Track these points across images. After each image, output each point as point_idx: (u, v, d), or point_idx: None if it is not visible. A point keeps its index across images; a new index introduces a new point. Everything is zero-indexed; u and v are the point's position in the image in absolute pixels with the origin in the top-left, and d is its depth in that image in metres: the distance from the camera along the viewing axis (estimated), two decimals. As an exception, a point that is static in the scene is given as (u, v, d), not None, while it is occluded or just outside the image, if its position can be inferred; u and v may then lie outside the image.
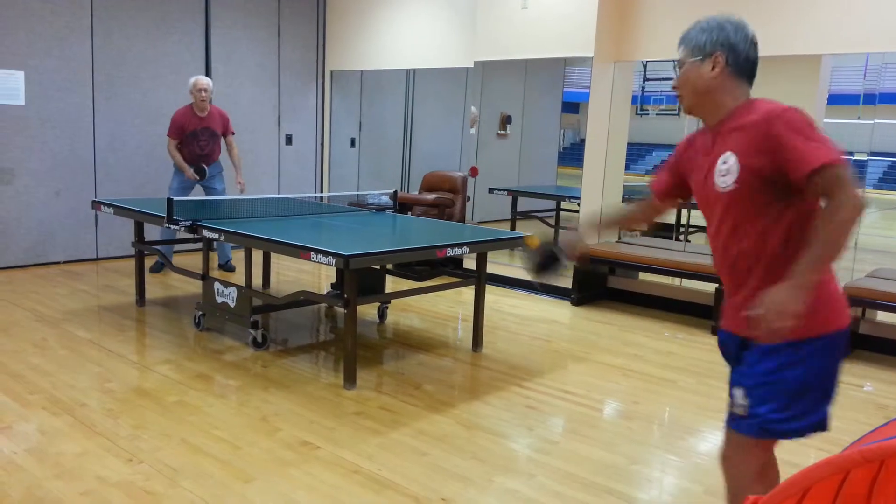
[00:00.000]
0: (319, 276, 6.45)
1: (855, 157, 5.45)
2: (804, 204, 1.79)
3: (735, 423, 1.90)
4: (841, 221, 1.66)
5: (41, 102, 6.06)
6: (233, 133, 6.17)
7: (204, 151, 5.99)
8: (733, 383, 1.93)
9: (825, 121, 5.75)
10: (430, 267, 4.81)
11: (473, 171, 6.92)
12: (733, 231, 1.87)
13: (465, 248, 3.94)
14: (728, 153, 1.83)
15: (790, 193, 1.76)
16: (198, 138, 5.93)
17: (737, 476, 1.96)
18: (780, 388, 1.81)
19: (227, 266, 6.32)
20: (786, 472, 2.84)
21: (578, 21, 5.66)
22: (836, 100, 5.73)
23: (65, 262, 6.38)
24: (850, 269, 5.08)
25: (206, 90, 5.83)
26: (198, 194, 6.15)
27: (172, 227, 4.26)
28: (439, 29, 6.93)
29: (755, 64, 1.88)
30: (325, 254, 3.42)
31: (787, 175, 1.72)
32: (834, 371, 1.85)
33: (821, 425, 1.88)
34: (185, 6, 6.87)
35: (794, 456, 3.13)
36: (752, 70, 1.88)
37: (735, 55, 1.85)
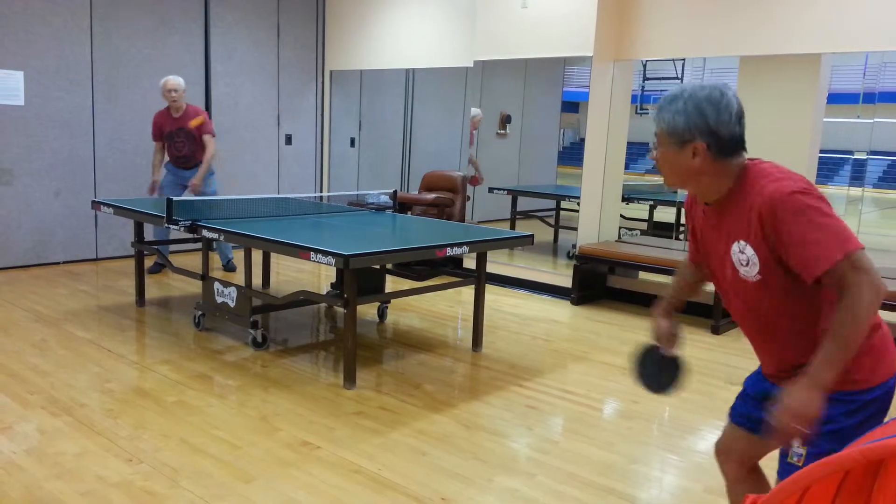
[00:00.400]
0: (319, 276, 6.44)
1: (854, 156, 5.46)
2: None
3: (785, 471, 1.73)
4: (856, 318, 1.56)
5: (41, 103, 6.06)
6: (211, 134, 5.95)
7: (182, 153, 5.88)
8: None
9: (825, 119, 5.75)
10: (430, 266, 4.81)
11: (474, 181, 6.94)
12: (768, 311, 1.75)
13: (465, 248, 3.94)
14: (742, 242, 1.69)
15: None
16: (174, 139, 5.85)
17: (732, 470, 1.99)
18: (838, 435, 1.66)
19: (228, 266, 6.30)
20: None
21: (578, 20, 5.66)
22: (835, 98, 5.73)
23: (64, 263, 6.38)
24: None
25: (175, 90, 5.72)
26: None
27: (172, 226, 4.26)
28: (439, 28, 6.93)
29: (742, 136, 1.69)
30: (325, 253, 3.42)
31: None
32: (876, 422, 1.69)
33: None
34: (185, 7, 6.87)
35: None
36: (740, 144, 1.70)
37: (717, 140, 1.66)
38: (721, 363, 4.38)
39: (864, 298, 1.54)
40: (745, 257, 1.70)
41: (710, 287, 5.28)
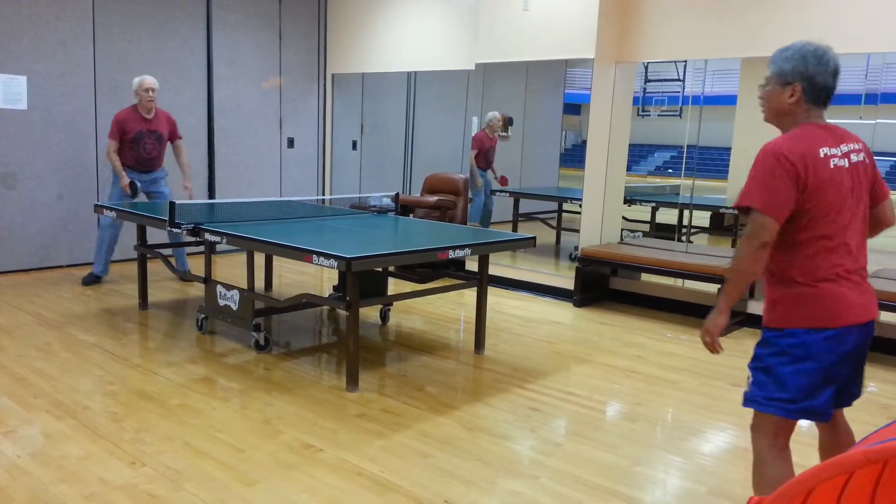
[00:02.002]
0: (321, 279, 6.45)
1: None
2: (786, 229, 2.08)
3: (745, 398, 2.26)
4: (738, 259, 2.09)
5: (44, 107, 6.07)
6: (180, 137, 5.90)
7: (150, 155, 5.72)
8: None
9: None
10: (432, 269, 4.81)
11: (503, 181, 6.97)
12: None
13: (467, 250, 3.94)
14: None
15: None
16: (143, 141, 5.66)
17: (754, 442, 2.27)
18: (770, 372, 2.16)
19: (185, 276, 5.92)
20: (798, 468, 2.84)
21: (579, 23, 5.67)
22: (837, 100, 5.71)
23: (68, 266, 6.39)
24: (852, 270, 5.07)
25: (153, 90, 5.57)
26: (141, 200, 5.92)
27: (175, 230, 4.27)
28: (440, 31, 6.94)
29: (832, 90, 2.12)
30: (328, 256, 3.42)
31: None
32: (814, 370, 2.08)
33: (809, 413, 2.12)
34: (187, 10, 6.89)
35: (799, 456, 3.13)
36: (828, 96, 2.13)
37: (812, 85, 2.08)
38: (724, 365, 4.38)
39: (742, 251, 2.07)
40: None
41: (712, 288, 5.28)
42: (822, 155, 2.05)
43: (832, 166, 2.06)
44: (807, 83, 2.08)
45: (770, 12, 5.03)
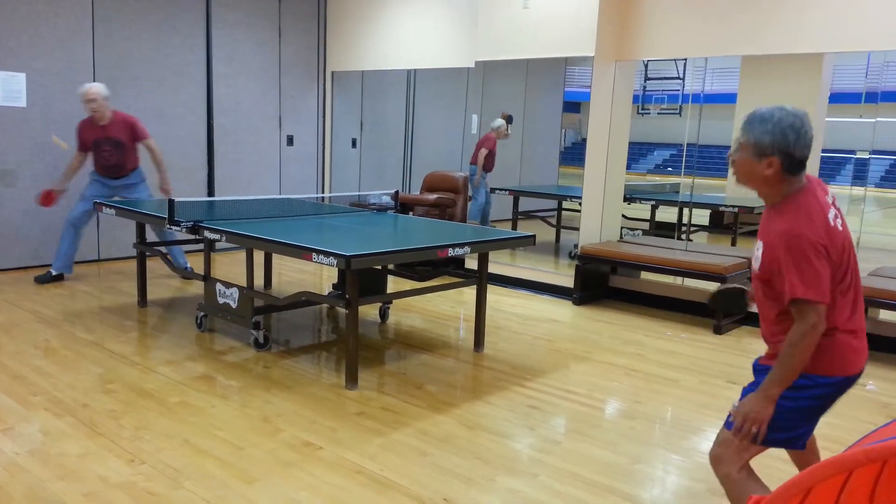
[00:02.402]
0: (321, 277, 6.45)
1: (857, 156, 5.45)
2: None
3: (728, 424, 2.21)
4: (798, 350, 2.02)
5: (43, 104, 6.07)
6: (146, 137, 5.70)
7: (110, 162, 5.62)
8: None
9: (827, 119, 5.74)
10: (432, 267, 4.81)
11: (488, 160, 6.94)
12: (760, 302, 2.22)
13: (467, 248, 3.94)
14: (763, 242, 2.12)
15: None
16: (100, 148, 5.58)
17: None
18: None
19: (186, 274, 5.88)
20: (789, 472, 2.85)
21: (579, 21, 5.66)
22: (837, 98, 5.73)
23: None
24: (852, 268, 5.07)
25: (94, 100, 5.41)
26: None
27: (174, 228, 4.26)
28: (440, 29, 6.93)
29: (805, 159, 2.07)
30: (327, 254, 3.42)
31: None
32: (813, 410, 2.15)
33: (789, 442, 2.18)
34: (187, 8, 6.88)
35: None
36: (803, 165, 2.08)
37: (790, 160, 2.03)
38: (723, 363, 4.38)
39: (804, 340, 2.01)
40: (758, 253, 2.14)
41: (711, 286, 5.28)
42: (832, 223, 2.05)
43: (839, 228, 2.08)
44: (785, 157, 2.03)
45: (770, 10, 5.03)
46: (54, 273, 5.75)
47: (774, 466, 2.87)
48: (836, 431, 3.42)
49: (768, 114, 2.05)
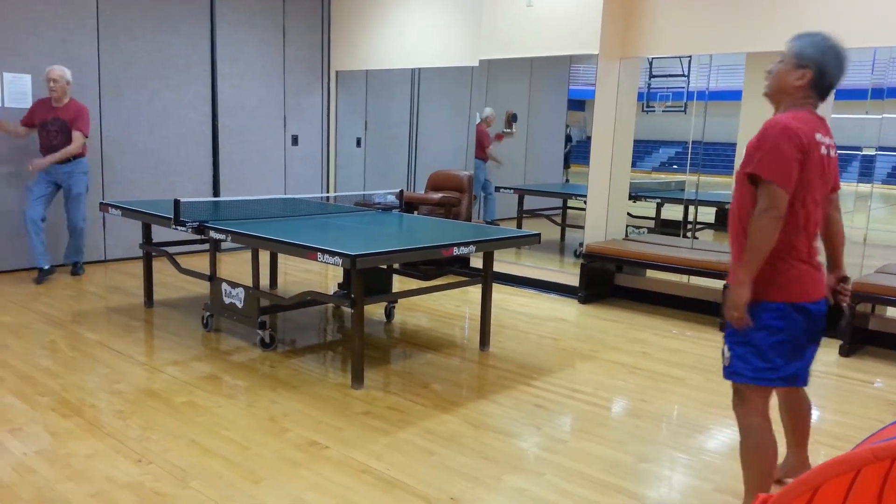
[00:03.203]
0: (326, 276, 6.45)
1: (863, 152, 5.42)
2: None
3: (725, 371, 2.41)
4: (757, 228, 2.18)
5: (48, 105, 6.08)
6: (80, 130, 5.72)
7: (53, 143, 5.69)
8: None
9: (833, 116, 5.71)
10: (437, 266, 4.81)
11: (499, 137, 6.92)
12: (738, 203, 2.32)
13: (472, 248, 3.93)
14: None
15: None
16: (47, 128, 5.70)
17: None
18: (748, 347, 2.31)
19: (75, 268, 6.05)
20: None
21: (583, 18, 5.65)
22: (843, 94, 5.70)
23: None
24: (858, 265, 5.05)
25: (55, 80, 5.58)
26: (58, 200, 5.92)
27: (179, 228, 4.27)
28: (444, 28, 6.93)
29: (835, 87, 2.28)
30: (332, 254, 3.42)
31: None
32: (791, 336, 2.27)
33: (789, 380, 2.32)
34: (191, 7, 6.89)
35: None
36: (829, 90, 2.28)
37: (822, 75, 2.23)
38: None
39: (764, 216, 2.17)
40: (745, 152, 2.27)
41: (717, 284, 5.26)
42: (817, 139, 2.22)
43: (822, 152, 2.24)
44: (818, 72, 2.22)
45: (775, 6, 5.01)
46: (46, 267, 5.79)
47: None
48: (842, 429, 3.41)
49: (816, 32, 2.26)
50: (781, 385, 2.33)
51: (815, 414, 3.65)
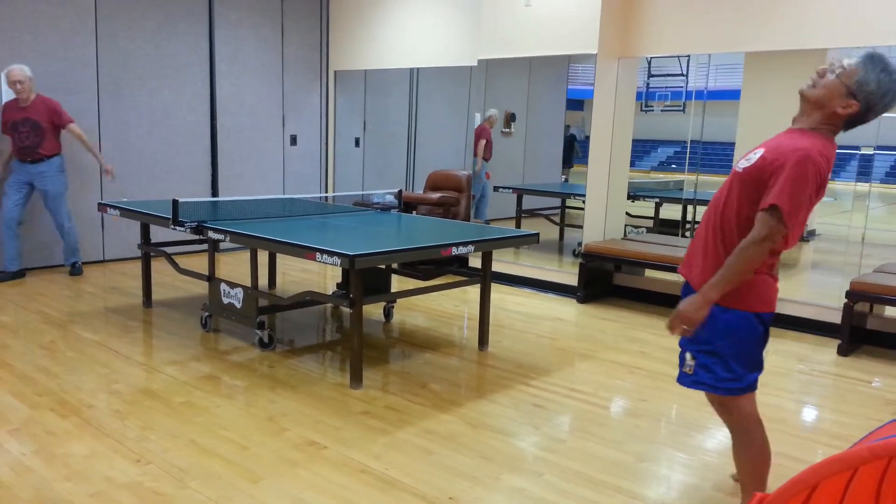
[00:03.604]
0: (325, 276, 6.45)
1: (861, 151, 5.43)
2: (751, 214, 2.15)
3: (681, 377, 2.39)
4: (748, 252, 2.08)
5: (46, 105, 6.07)
6: (71, 121, 5.77)
7: (25, 143, 5.64)
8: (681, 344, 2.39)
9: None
10: (436, 266, 4.81)
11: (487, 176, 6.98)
12: (724, 205, 2.23)
13: (470, 247, 3.93)
14: (766, 150, 2.16)
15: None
16: (17, 129, 5.63)
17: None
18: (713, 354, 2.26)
19: (74, 269, 6.06)
20: (794, 469, 2.85)
21: (582, 18, 5.65)
22: (842, 94, 5.69)
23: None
24: (857, 265, 5.06)
25: (20, 82, 5.54)
26: (35, 198, 5.91)
27: (178, 228, 4.27)
28: (443, 28, 6.93)
29: (862, 122, 2.14)
30: (331, 254, 3.42)
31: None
32: (754, 346, 2.25)
33: (750, 388, 2.29)
34: (190, 7, 6.89)
35: (802, 452, 3.13)
36: (857, 124, 2.15)
37: (863, 117, 2.10)
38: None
39: (758, 242, 2.07)
40: (752, 157, 2.18)
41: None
42: (828, 175, 2.14)
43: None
44: (865, 109, 2.08)
45: (773, 6, 5.01)
46: (13, 270, 5.78)
47: (783, 465, 2.87)
48: (840, 428, 3.41)
49: (888, 63, 2.05)
50: (743, 394, 2.29)
51: (813, 413, 3.66)
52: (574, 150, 7.30)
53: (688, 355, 2.32)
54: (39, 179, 5.78)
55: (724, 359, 2.23)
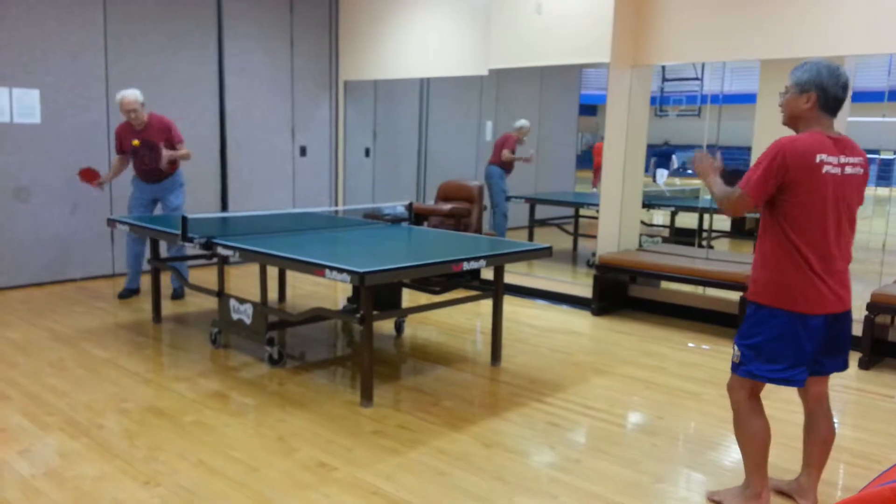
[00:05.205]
0: (335, 289, 6.41)
1: (881, 156, 5.33)
2: (772, 213, 2.49)
3: (733, 367, 2.70)
4: (723, 198, 2.57)
5: (56, 120, 6.08)
6: (180, 141, 5.70)
7: (146, 167, 5.64)
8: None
9: (849, 119, 5.61)
10: (447, 278, 4.75)
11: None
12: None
13: (482, 262, 3.87)
14: None
15: (772, 203, 2.49)
16: (138, 153, 5.65)
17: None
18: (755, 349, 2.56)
19: (177, 293, 5.95)
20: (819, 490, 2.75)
21: (594, 26, 5.59)
22: (860, 97, 5.60)
23: (81, 279, 6.39)
24: (878, 273, 4.95)
25: (134, 110, 5.45)
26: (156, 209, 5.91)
27: (187, 244, 4.24)
28: (453, 37, 6.89)
29: (842, 101, 2.47)
30: (340, 271, 3.37)
31: None
32: (790, 343, 2.48)
33: (787, 382, 2.54)
34: (198, 20, 6.89)
35: (824, 472, 3.03)
36: (837, 106, 2.47)
37: (825, 95, 2.44)
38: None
39: (725, 201, 2.56)
40: None
41: (734, 295, 5.17)
42: (817, 160, 2.39)
43: (823, 172, 2.39)
44: (821, 92, 2.44)
45: (788, 14, 4.92)
46: (135, 287, 5.91)
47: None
48: (862, 445, 3.32)
49: (808, 61, 2.50)
50: (772, 381, 2.54)
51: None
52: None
53: (735, 351, 2.67)
54: (163, 195, 5.79)
55: (768, 351, 2.52)
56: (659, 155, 7.08)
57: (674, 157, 7.04)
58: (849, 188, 2.46)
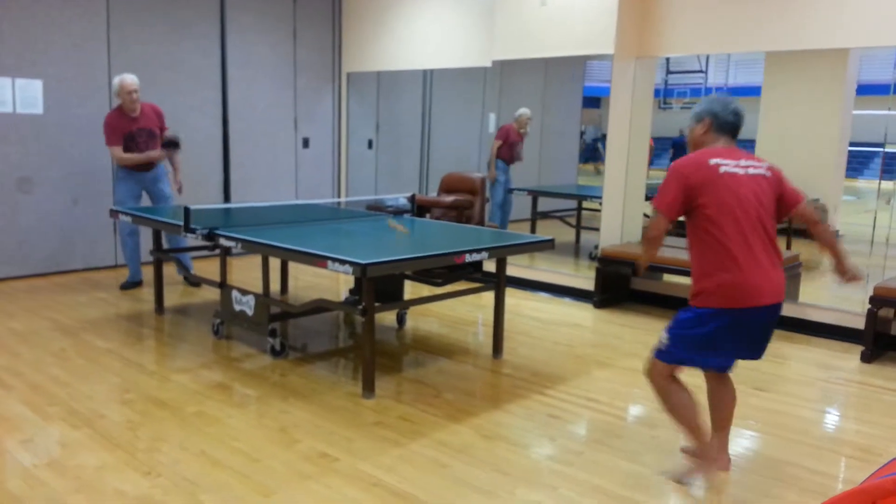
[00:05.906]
0: (338, 281, 6.41)
1: (886, 149, 5.30)
2: (693, 221, 2.74)
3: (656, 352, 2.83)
4: (646, 233, 2.88)
5: (59, 110, 6.08)
6: (167, 129, 5.71)
7: (146, 152, 5.58)
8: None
9: (855, 112, 5.60)
10: (449, 270, 4.75)
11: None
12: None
13: (484, 254, 3.87)
14: None
15: (688, 214, 2.73)
16: (135, 141, 5.51)
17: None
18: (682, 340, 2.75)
19: (189, 278, 5.92)
20: (815, 481, 2.77)
21: (598, 18, 5.56)
22: (865, 90, 5.58)
23: (83, 270, 6.40)
24: (881, 267, 4.94)
25: (136, 91, 5.42)
26: (144, 201, 5.84)
27: (190, 235, 4.24)
28: (456, 28, 6.86)
29: (735, 125, 2.77)
30: (342, 262, 3.37)
31: None
32: (712, 337, 2.67)
33: (716, 369, 2.83)
34: (201, 11, 6.87)
35: (823, 464, 3.04)
36: (733, 128, 2.78)
37: (717, 119, 2.76)
38: (748, 368, 4.27)
39: (645, 232, 2.90)
40: None
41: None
42: (710, 163, 2.64)
43: (721, 171, 2.62)
44: (713, 117, 2.76)
45: (793, 5, 4.89)
46: (139, 280, 5.89)
47: (804, 478, 2.78)
48: (864, 439, 3.32)
49: (705, 97, 2.84)
50: (690, 365, 2.77)
51: (835, 423, 3.57)
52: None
53: (663, 336, 2.83)
54: (153, 185, 5.74)
55: (688, 340, 2.72)
56: (675, 146, 7.06)
57: None
58: (759, 185, 2.66)
